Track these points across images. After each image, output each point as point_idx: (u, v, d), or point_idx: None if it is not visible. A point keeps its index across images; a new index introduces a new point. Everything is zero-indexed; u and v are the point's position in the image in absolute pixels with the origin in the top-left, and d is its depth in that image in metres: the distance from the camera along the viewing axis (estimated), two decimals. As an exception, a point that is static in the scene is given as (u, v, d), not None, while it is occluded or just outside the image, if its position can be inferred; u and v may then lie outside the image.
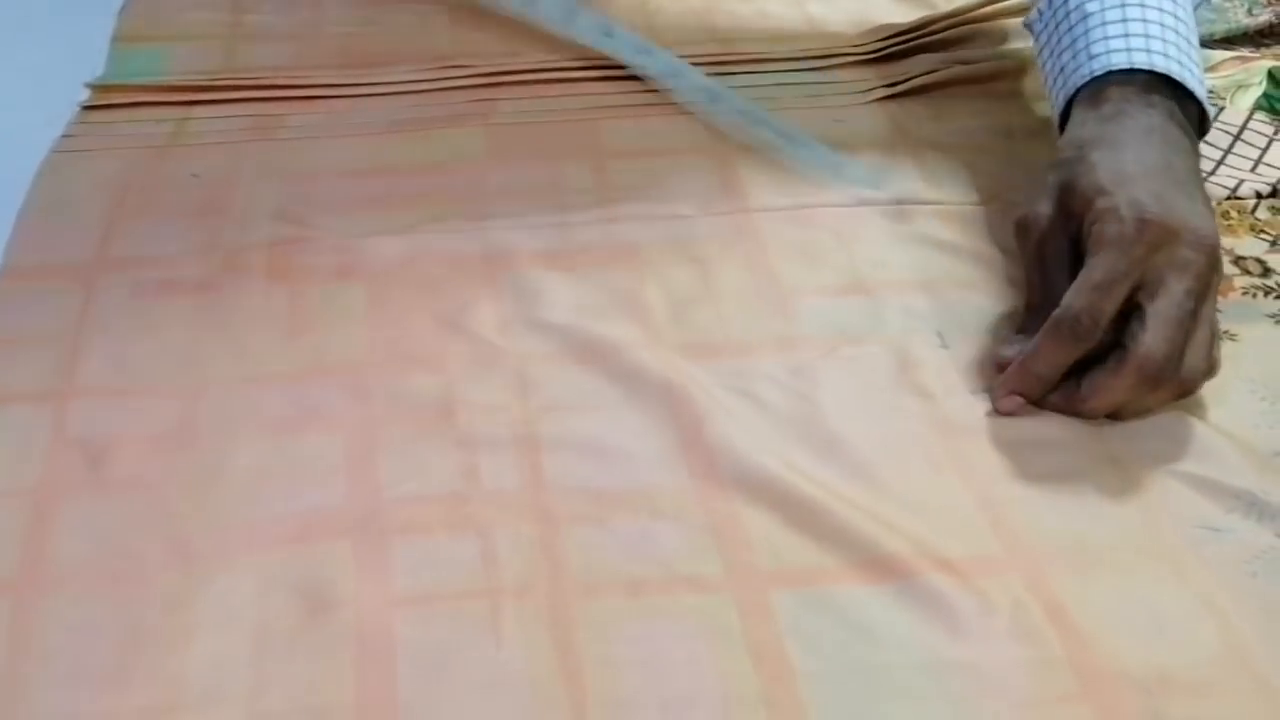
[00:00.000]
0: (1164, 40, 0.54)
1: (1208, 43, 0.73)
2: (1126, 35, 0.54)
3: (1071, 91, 0.56)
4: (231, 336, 0.52)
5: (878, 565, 0.42)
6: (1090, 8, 0.56)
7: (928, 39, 0.72)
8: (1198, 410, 0.49)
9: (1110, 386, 0.47)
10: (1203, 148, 0.64)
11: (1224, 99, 0.69)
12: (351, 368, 0.51)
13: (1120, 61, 0.54)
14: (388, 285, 0.55)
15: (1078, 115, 0.55)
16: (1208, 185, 0.62)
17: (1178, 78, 0.54)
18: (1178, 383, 0.47)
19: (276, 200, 0.60)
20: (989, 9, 0.73)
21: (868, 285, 0.55)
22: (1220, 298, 0.54)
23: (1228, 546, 0.44)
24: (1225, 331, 0.53)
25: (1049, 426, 0.48)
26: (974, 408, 0.49)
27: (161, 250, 0.57)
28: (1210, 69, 0.71)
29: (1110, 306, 0.47)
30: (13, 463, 0.46)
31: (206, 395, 0.50)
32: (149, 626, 0.41)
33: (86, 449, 0.47)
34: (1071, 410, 0.48)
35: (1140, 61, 0.53)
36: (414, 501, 0.45)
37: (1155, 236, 0.47)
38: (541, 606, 0.41)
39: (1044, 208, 0.52)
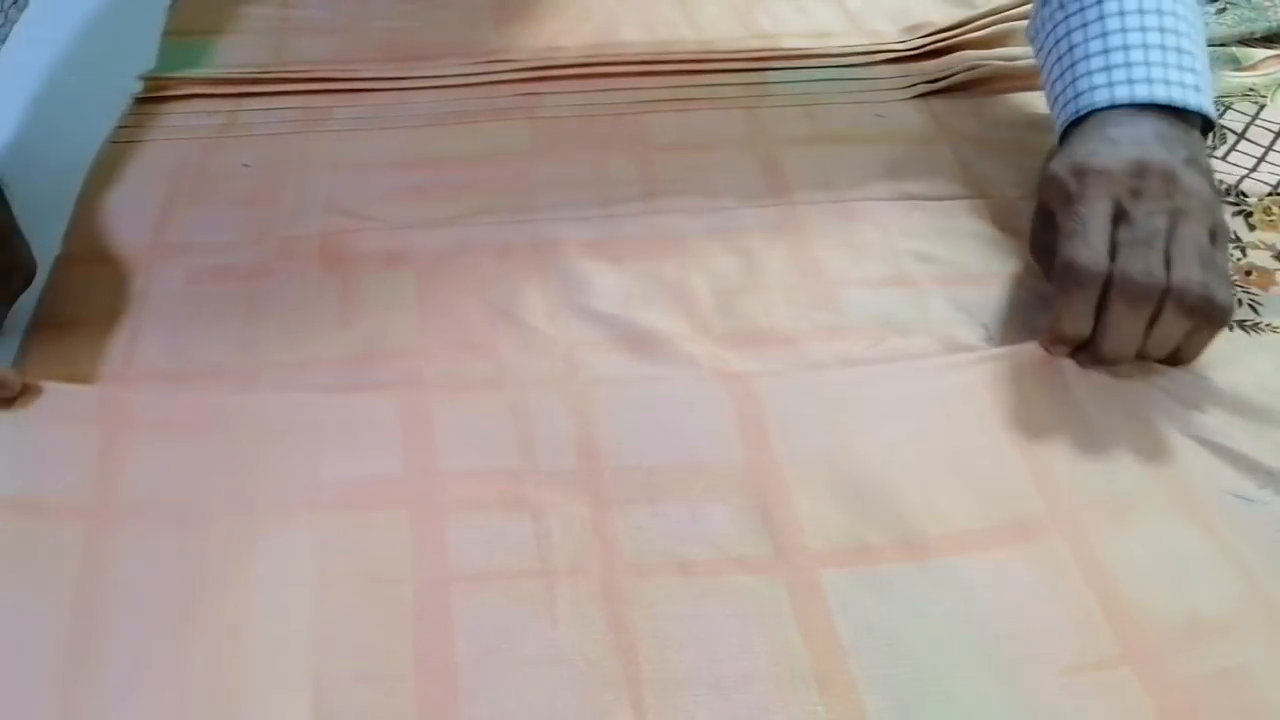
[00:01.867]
0: (1147, 64, 0.54)
1: (1248, 41, 0.73)
2: (1108, 69, 0.55)
3: (1063, 128, 0.57)
4: (285, 322, 0.53)
5: (925, 544, 0.43)
6: (1075, 38, 0.57)
7: (968, 36, 0.72)
8: (1242, 393, 0.50)
9: (1109, 322, 0.49)
10: (1244, 145, 0.65)
11: (1265, 97, 0.69)
12: (404, 353, 0.52)
13: (1102, 99, 0.55)
14: (437, 274, 0.56)
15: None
16: (1249, 182, 0.62)
17: (1163, 100, 0.54)
18: (1180, 299, 0.48)
19: (326, 190, 0.61)
20: (1028, 7, 0.73)
21: (911, 277, 0.56)
22: (1261, 290, 0.55)
23: (1258, 516, 0.45)
24: (1268, 325, 0.53)
25: (1091, 397, 0.49)
26: (1019, 384, 0.50)
27: (215, 238, 0.58)
28: (1250, 67, 0.71)
29: (1100, 245, 0.49)
30: (79, 426, 0.48)
31: (261, 378, 0.51)
32: (211, 572, 0.42)
33: (148, 414, 0.48)
34: (1100, 359, 0.50)
35: (1122, 96, 0.54)
36: (470, 477, 0.46)
37: (1098, 179, 0.51)
38: (595, 586, 0.42)
39: (1035, 222, 0.55)
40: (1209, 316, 0.49)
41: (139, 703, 0.38)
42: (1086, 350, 0.51)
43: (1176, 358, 0.50)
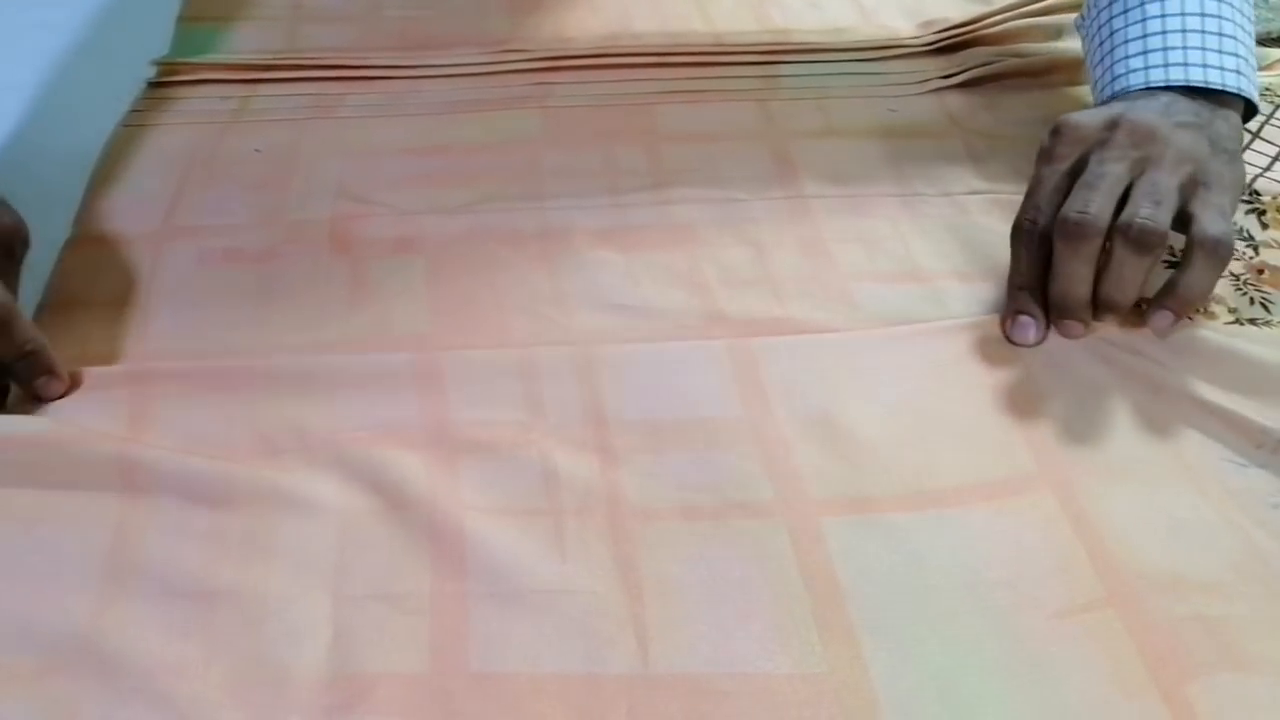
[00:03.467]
0: (1184, 49, 0.55)
1: (1265, 41, 0.73)
2: (1145, 53, 0.56)
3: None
4: (295, 304, 0.53)
5: (923, 496, 0.45)
6: (1116, 24, 0.58)
7: (982, 32, 0.72)
8: (1240, 370, 0.50)
9: (1056, 263, 0.51)
10: (1259, 145, 0.64)
11: (1279, 96, 0.69)
12: (414, 339, 0.52)
13: (1137, 82, 0.56)
14: (446, 260, 0.56)
15: None
16: (1262, 181, 0.62)
17: (1198, 83, 0.55)
18: (1124, 233, 0.49)
19: (337, 175, 0.61)
20: (1043, 4, 0.73)
21: (924, 272, 0.56)
22: (1273, 289, 0.55)
23: (1253, 480, 0.46)
24: (1275, 321, 0.53)
25: (1091, 362, 0.50)
26: (1013, 351, 0.51)
27: (226, 220, 0.58)
28: (1266, 67, 0.71)
29: (1043, 202, 0.52)
30: (107, 392, 0.48)
31: (273, 359, 0.51)
32: (240, 499, 0.44)
33: (171, 379, 0.49)
34: (1056, 310, 0.51)
35: (1156, 79, 0.56)
36: (480, 426, 0.47)
37: (1070, 135, 0.52)
38: (602, 526, 0.44)
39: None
40: (1150, 247, 0.49)
41: (171, 610, 0.40)
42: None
43: (1175, 302, 0.50)
